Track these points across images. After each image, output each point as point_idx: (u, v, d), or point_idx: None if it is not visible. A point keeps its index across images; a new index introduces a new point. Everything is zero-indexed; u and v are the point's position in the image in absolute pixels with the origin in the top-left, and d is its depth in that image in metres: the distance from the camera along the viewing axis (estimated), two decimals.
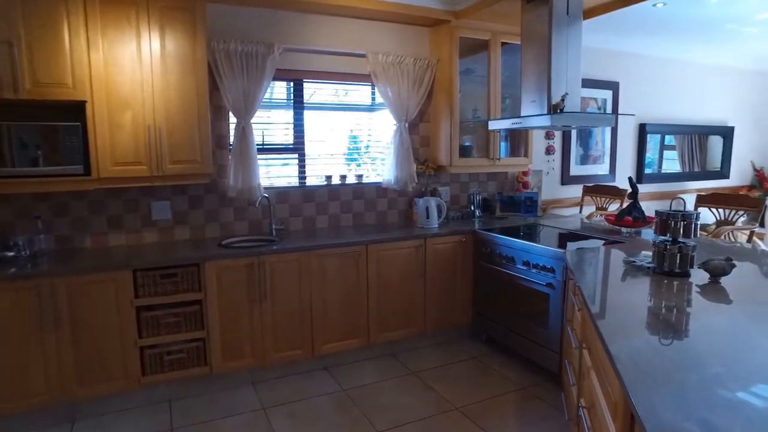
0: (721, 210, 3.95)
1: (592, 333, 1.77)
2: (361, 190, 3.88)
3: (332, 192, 3.78)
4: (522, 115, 3.13)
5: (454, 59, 3.76)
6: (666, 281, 2.18)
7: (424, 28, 3.92)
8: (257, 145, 3.43)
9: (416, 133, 4.02)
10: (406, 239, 3.44)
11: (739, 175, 6.46)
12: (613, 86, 5.05)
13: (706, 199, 3.84)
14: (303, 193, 3.69)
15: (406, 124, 3.82)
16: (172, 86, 2.89)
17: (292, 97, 3.68)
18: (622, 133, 5.28)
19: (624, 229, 3.40)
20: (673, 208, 2.28)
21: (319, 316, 3.21)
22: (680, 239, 2.22)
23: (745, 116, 6.39)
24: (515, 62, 4.08)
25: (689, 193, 5.77)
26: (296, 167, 3.73)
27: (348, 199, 3.84)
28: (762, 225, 3.63)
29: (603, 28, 4.40)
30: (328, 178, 3.78)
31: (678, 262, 2.21)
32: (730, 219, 3.80)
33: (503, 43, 3.94)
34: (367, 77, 3.71)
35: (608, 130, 5.17)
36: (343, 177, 3.83)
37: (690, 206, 5.61)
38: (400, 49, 3.80)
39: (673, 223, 2.21)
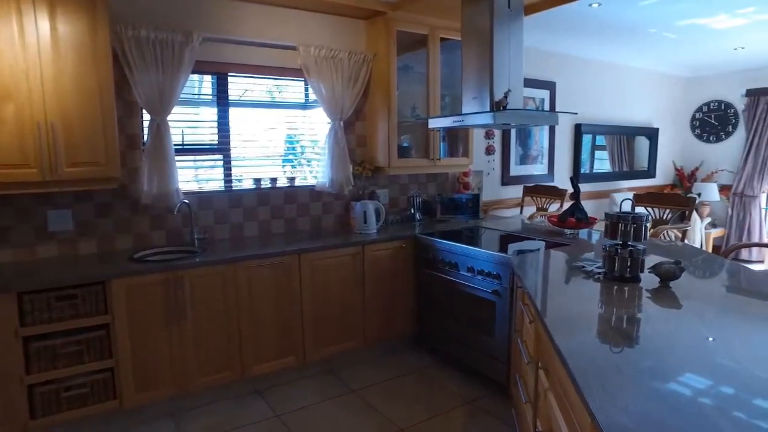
0: (655, 209, 4.00)
1: (549, 353, 1.60)
2: (293, 193, 3.59)
3: (262, 196, 3.47)
4: (463, 112, 2.97)
5: (392, 54, 3.56)
6: (617, 288, 2.07)
7: (359, 20, 3.69)
8: (176, 145, 3.07)
9: (352, 132, 3.79)
10: (343, 246, 3.19)
11: (663, 175, 6.72)
12: (550, 86, 5.05)
13: (642, 199, 3.87)
14: (229, 198, 3.35)
15: (341, 123, 3.57)
16: (68, 77, 2.48)
17: (216, 93, 3.34)
18: (559, 134, 5.30)
19: (567, 231, 3.33)
20: (621, 210, 2.18)
21: (249, 334, 2.90)
22: (630, 242, 2.12)
23: (667, 118, 6.65)
24: (454, 60, 3.94)
25: (621, 192, 5.91)
26: (222, 170, 3.39)
27: (279, 203, 3.54)
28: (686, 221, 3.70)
29: (540, 28, 4.36)
30: (257, 181, 3.46)
31: (629, 267, 2.11)
32: (664, 218, 3.85)
33: (443, 39, 3.78)
34: (300, 72, 3.43)
35: (546, 130, 5.17)
36: (274, 180, 3.52)
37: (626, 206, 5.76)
38: (334, 43, 3.55)
39: (623, 226, 2.11)
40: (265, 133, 3.54)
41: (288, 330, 3.04)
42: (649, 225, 2.11)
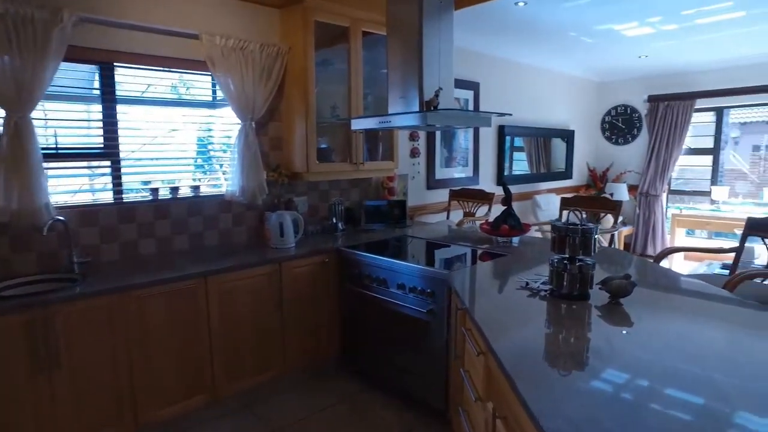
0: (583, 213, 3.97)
1: (509, 399, 1.35)
2: (198, 204, 3.13)
3: (161, 208, 2.97)
4: (390, 113, 2.69)
5: (309, 47, 3.20)
6: (566, 307, 1.89)
7: (273, 9, 3.30)
8: (45, 149, 2.52)
9: (266, 134, 3.38)
10: (257, 265, 2.79)
11: (578, 175, 6.91)
12: (474, 87, 4.93)
13: (570, 203, 3.83)
14: (119, 211, 2.82)
15: (253, 124, 3.16)
16: None
17: (101, 87, 2.80)
18: (483, 136, 5.20)
19: (500, 239, 3.16)
20: (569, 221, 2.00)
21: (145, 378, 2.42)
22: (579, 256, 1.95)
23: (581, 121, 6.84)
24: (377, 57, 3.67)
25: (542, 194, 5.96)
26: (110, 178, 2.85)
27: (182, 216, 3.06)
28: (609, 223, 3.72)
29: (465, 26, 4.22)
30: (154, 191, 2.96)
31: (578, 284, 1.93)
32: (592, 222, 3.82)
33: (365, 33, 3.48)
34: (204, 65, 2.97)
35: (470, 132, 5.04)
36: (175, 189, 3.04)
37: (554, 209, 5.80)
38: (243, 32, 3.13)
39: (572, 239, 1.92)
40: (169, 135, 3.05)
41: (194, 366, 2.59)
42: (597, 236, 1.94)
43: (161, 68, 2.94)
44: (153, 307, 2.41)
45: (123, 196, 2.88)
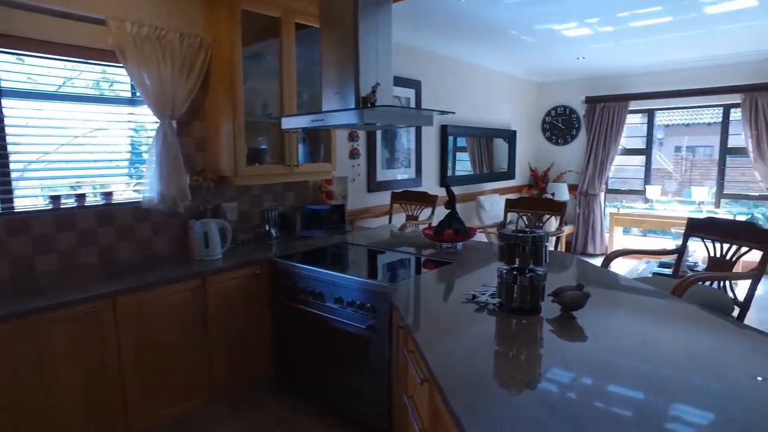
0: (529, 215, 3.90)
1: None
2: (110, 213, 2.77)
3: (63, 219, 2.60)
4: (324, 110, 2.46)
5: (236, 39, 2.91)
6: (516, 322, 1.73)
7: None
8: None
9: (189, 134, 3.06)
10: (178, 280, 2.48)
11: (521, 176, 6.93)
12: (416, 85, 4.78)
13: (515, 204, 3.74)
14: (8, 223, 2.43)
15: (174, 123, 2.84)
16: None
17: None
18: (425, 135, 5.06)
19: (444, 245, 3.00)
20: (517, 227, 1.84)
21: (36, 424, 2.07)
22: (530, 267, 1.79)
23: (523, 121, 6.87)
24: (312, 53, 3.43)
25: (485, 195, 5.90)
26: None
27: (90, 226, 2.69)
28: (562, 226, 3.67)
29: (407, 21, 4.06)
30: (55, 199, 2.58)
31: (529, 297, 1.78)
32: (538, 224, 3.75)
33: (299, 26, 3.23)
34: (113, 56, 2.63)
35: (412, 132, 4.89)
36: (81, 196, 2.67)
37: (498, 210, 5.74)
38: (160, 20, 2.80)
39: (522, 248, 1.77)
40: (90, 136, 2.67)
41: (102, 401, 2.26)
42: (548, 244, 1.79)
43: (59, 57, 2.56)
44: (49, 337, 2.06)
45: (13, 205, 2.49)
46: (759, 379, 1.28)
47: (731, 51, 5.39)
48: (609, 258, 2.68)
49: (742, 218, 5.64)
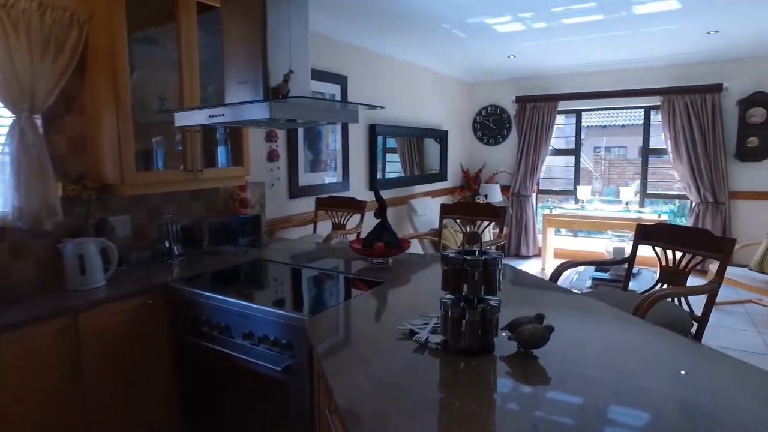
0: (467, 221, 3.62)
1: None
2: None
3: None
4: (227, 102, 2.01)
5: (118, 16, 2.38)
6: (464, 365, 1.39)
7: None
8: None
9: (61, 131, 2.49)
10: (35, 321, 1.93)
11: (453, 177, 6.73)
12: (342, 80, 4.38)
13: (451, 210, 3.44)
14: None
15: (35, 117, 2.27)
16: None
17: None
18: (352, 135, 4.68)
19: (374, 260, 2.63)
20: (464, 246, 1.50)
21: None
22: (481, 296, 1.46)
23: (454, 121, 6.67)
24: (217, 41, 2.94)
25: (417, 198, 5.61)
26: None
27: None
28: (501, 232, 3.44)
29: (331, 12, 3.66)
30: None
31: (480, 333, 1.44)
32: (479, 231, 3.47)
33: (202, 7, 2.74)
34: None
35: (338, 132, 4.49)
36: None
37: (430, 214, 5.45)
38: None
39: (471, 273, 1.42)
40: None
41: None
42: (501, 268, 1.46)
43: None
44: None
45: None
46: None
47: (652, 54, 5.47)
48: (558, 271, 2.43)
49: (665, 217, 5.74)
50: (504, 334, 1.51)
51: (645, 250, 2.49)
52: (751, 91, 5.52)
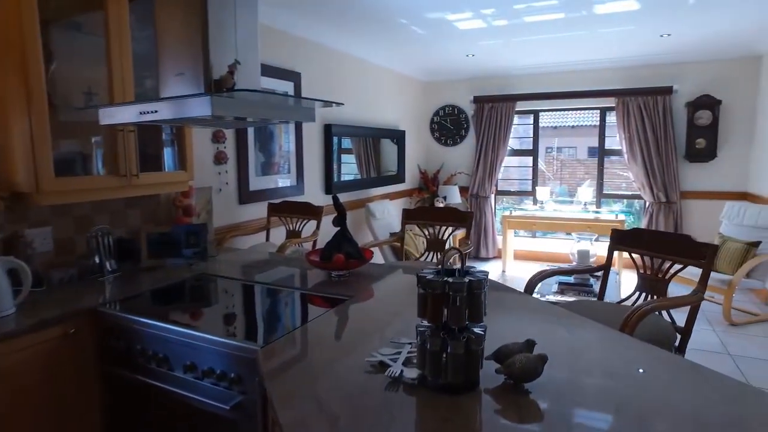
0: (435, 227, 3.43)
1: None
2: None
3: None
4: (162, 97, 1.73)
5: None
6: (446, 408, 1.19)
7: None
8: None
9: None
10: None
11: (411, 179, 6.56)
12: (295, 77, 4.11)
13: (415, 215, 3.25)
14: None
15: None
16: None
17: None
18: (307, 135, 4.41)
19: (333, 273, 2.39)
20: (444, 264, 1.29)
21: None
22: (465, 324, 1.25)
23: (411, 121, 6.50)
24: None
25: (375, 201, 5.40)
26: None
27: None
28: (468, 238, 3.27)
29: (284, 4, 3.39)
30: None
31: (463, 368, 1.24)
32: (441, 237, 3.29)
33: None
34: None
35: (292, 131, 4.21)
36: None
37: (389, 217, 5.23)
38: None
39: (453, 299, 1.22)
40: None
41: None
42: (486, 290, 1.27)
43: None
44: None
45: None
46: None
47: (607, 56, 5.49)
48: (533, 282, 2.28)
49: (623, 217, 5.78)
50: (492, 366, 1.32)
51: (603, 249, 2.36)
52: (698, 94, 5.64)
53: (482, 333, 1.25)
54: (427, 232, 3.36)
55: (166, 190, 2.76)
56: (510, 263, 6.15)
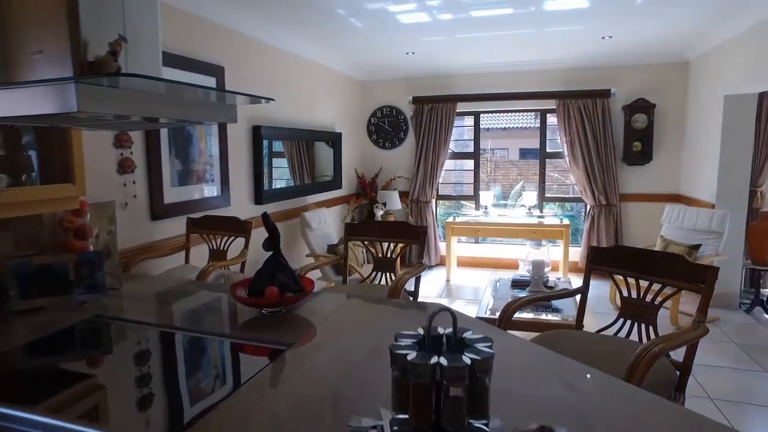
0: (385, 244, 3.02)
1: None
2: None
3: None
4: (8, 82, 1.21)
5: None
6: None
7: None
8: None
9: None
10: None
11: (348, 184, 6.15)
12: (218, 72, 3.58)
13: (357, 231, 2.83)
14: None
15: None
16: None
17: None
18: (233, 138, 3.87)
19: (265, 310, 1.94)
20: (429, 329, 0.89)
21: None
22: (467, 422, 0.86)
23: (347, 123, 6.09)
24: None
25: (310, 210, 4.93)
26: None
27: None
28: (421, 257, 2.90)
29: None
30: None
31: None
32: (389, 255, 2.90)
33: None
34: None
35: (215, 134, 3.67)
36: None
37: (326, 227, 4.76)
38: None
39: (447, 390, 0.82)
40: None
41: None
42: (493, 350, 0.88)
43: None
44: None
45: None
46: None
47: (550, 57, 5.38)
48: (507, 316, 1.94)
49: (567, 221, 5.68)
50: None
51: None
52: (634, 98, 5.65)
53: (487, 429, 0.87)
54: (372, 249, 2.97)
55: (47, 210, 2.17)
56: (454, 271, 5.89)
